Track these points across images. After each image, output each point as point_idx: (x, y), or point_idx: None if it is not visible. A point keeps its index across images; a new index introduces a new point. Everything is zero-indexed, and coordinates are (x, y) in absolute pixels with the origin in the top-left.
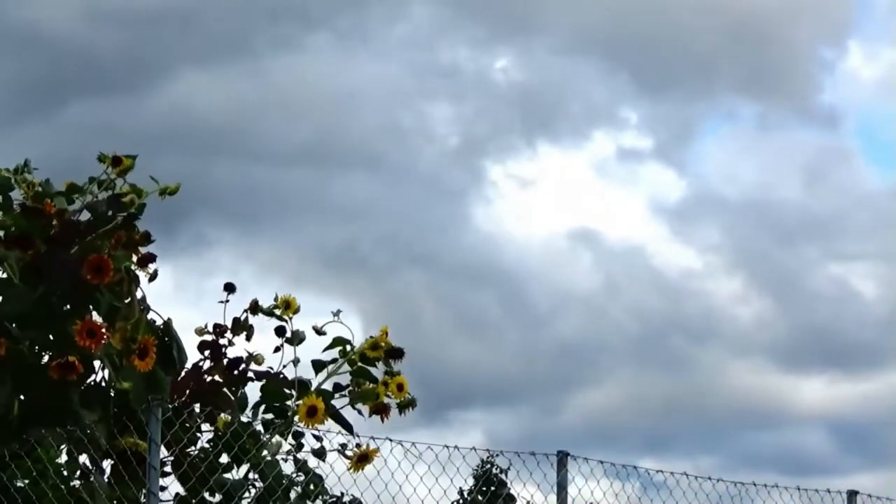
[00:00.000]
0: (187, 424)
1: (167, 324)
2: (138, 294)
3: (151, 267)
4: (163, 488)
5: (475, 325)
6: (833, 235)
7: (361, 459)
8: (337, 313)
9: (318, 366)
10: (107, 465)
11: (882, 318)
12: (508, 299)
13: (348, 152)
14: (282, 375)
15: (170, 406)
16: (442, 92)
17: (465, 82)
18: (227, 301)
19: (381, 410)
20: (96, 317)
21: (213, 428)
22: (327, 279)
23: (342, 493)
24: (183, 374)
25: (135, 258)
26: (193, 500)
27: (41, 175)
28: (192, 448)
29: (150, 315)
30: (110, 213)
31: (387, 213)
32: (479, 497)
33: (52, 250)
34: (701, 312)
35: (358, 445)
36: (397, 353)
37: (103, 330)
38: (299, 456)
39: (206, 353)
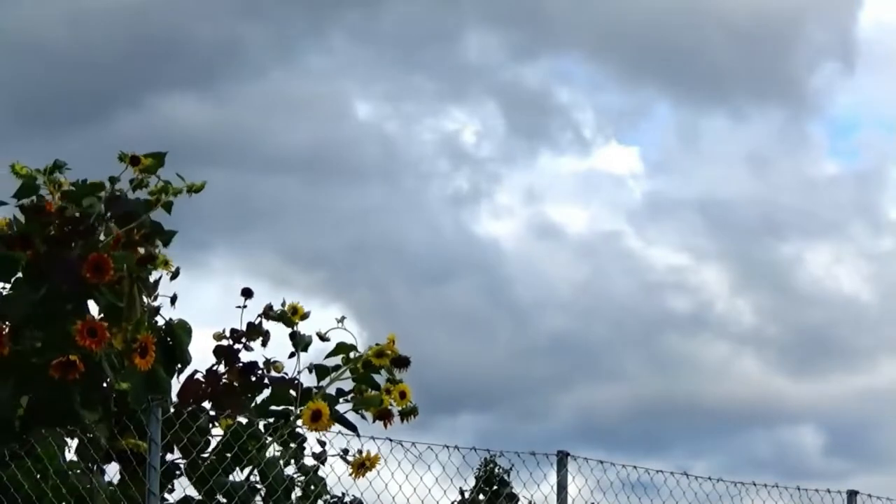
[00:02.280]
0: (190, 424)
1: (169, 324)
2: (148, 300)
3: (173, 265)
4: (171, 490)
5: (467, 328)
6: (831, 237)
7: (362, 466)
8: (341, 320)
9: (321, 371)
10: (111, 465)
11: (865, 315)
12: (500, 301)
13: (344, 156)
14: (296, 381)
15: (184, 410)
16: (442, 94)
17: (467, 85)
18: (245, 306)
19: (384, 416)
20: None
21: (221, 433)
22: (318, 282)
23: (343, 494)
24: (197, 377)
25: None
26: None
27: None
28: (206, 451)
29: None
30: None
31: (382, 217)
32: (481, 496)
33: (52, 250)
34: (692, 311)
35: (360, 451)
36: (403, 362)
37: (105, 329)
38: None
39: (221, 358)
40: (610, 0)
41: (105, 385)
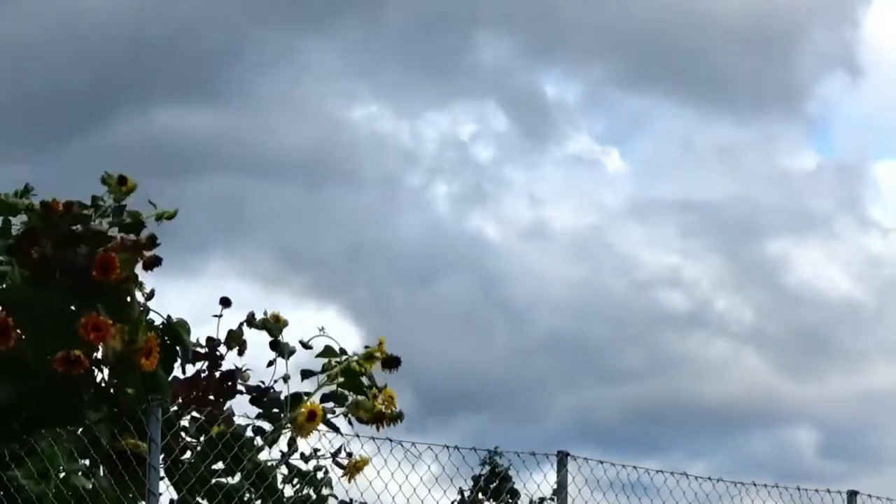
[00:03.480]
0: (187, 427)
1: (167, 322)
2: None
3: (148, 287)
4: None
5: (465, 328)
6: (834, 238)
7: (356, 469)
8: (322, 329)
9: (305, 374)
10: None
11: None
12: (498, 301)
13: (342, 157)
14: (272, 390)
15: (172, 410)
16: (442, 94)
17: (466, 85)
18: (221, 315)
19: (379, 420)
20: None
21: (208, 436)
22: (314, 283)
23: (346, 494)
24: (186, 379)
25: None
26: None
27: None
28: (189, 455)
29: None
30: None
31: (380, 217)
32: (482, 494)
33: (59, 250)
34: (691, 311)
35: (349, 455)
36: (394, 362)
37: (109, 326)
38: (292, 462)
39: (204, 363)
40: (612, 2)
41: (105, 385)
